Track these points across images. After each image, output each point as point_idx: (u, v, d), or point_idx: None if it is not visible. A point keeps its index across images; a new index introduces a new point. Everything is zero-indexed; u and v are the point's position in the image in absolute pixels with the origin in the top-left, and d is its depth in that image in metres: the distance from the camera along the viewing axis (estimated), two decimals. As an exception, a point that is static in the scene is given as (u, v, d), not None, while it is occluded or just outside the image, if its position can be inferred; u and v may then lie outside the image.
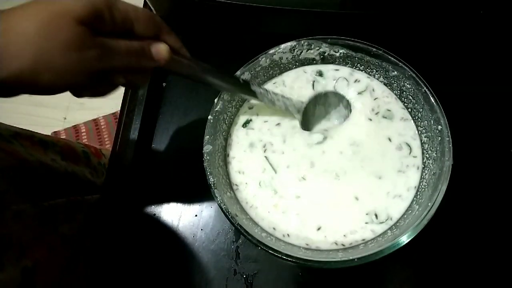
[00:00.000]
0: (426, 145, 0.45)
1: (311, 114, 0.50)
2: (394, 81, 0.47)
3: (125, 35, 0.34)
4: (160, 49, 0.37)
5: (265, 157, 0.47)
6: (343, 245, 0.42)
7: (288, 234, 0.43)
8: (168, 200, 0.53)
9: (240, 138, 0.49)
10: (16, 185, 0.48)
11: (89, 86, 0.34)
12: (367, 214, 0.43)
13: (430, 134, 0.44)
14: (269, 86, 0.51)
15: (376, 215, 0.43)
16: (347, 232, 0.43)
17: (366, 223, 0.43)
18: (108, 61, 0.33)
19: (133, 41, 0.35)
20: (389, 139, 0.46)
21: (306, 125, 0.49)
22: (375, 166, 0.45)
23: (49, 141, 0.62)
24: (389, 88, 0.49)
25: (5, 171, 0.48)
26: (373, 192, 0.44)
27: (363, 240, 0.42)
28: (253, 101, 0.50)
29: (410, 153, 0.46)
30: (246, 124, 0.49)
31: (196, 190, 0.52)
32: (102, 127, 1.29)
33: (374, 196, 0.44)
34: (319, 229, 0.43)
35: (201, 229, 0.51)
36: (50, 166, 0.57)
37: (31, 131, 0.61)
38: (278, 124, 0.49)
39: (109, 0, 0.32)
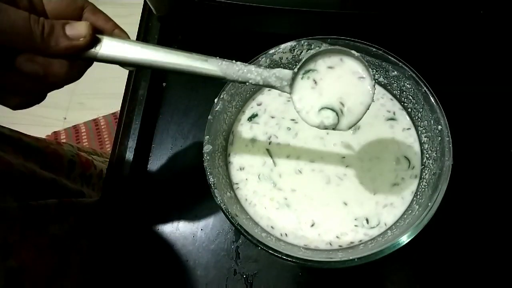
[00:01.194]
0: (426, 145, 0.45)
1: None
2: (394, 81, 0.47)
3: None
4: (77, 25, 0.29)
5: (267, 149, 0.48)
6: (339, 246, 0.43)
7: (286, 234, 0.44)
8: (168, 200, 0.53)
9: (243, 133, 0.49)
10: (1, 184, 0.47)
11: None
12: (355, 219, 0.44)
13: (430, 134, 0.44)
14: None
15: (367, 220, 0.44)
16: (338, 233, 0.43)
17: (356, 226, 0.43)
18: None
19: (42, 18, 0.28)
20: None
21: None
22: (369, 184, 0.46)
23: (35, 148, 0.58)
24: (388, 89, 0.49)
25: None
26: (362, 203, 0.45)
27: (360, 241, 0.43)
28: (259, 98, 0.50)
29: (409, 166, 0.46)
30: (251, 118, 0.50)
31: (196, 190, 0.51)
32: (102, 127, 1.29)
33: (364, 206, 0.44)
34: (313, 225, 0.44)
35: (201, 229, 0.51)
36: (34, 171, 0.55)
37: (20, 133, 0.58)
38: (293, 120, 0.49)
39: None
